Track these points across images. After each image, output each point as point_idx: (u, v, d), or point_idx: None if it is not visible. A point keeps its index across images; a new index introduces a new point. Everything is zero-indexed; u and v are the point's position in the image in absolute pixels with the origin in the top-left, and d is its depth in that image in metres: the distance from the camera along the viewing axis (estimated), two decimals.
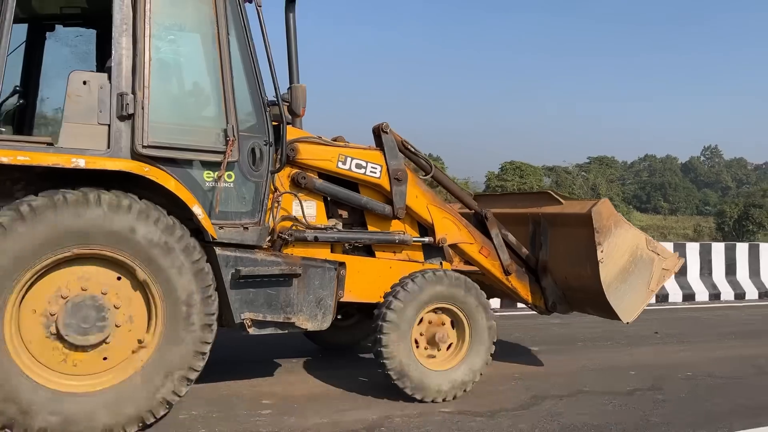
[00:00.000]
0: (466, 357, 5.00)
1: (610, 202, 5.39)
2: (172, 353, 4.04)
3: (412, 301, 4.80)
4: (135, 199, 3.95)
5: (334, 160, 5.18)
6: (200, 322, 4.11)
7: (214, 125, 4.39)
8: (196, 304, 4.09)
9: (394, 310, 4.76)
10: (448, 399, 4.90)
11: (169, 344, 4.04)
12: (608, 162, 65.46)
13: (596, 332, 7.88)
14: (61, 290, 3.84)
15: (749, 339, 7.95)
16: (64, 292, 3.85)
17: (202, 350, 4.14)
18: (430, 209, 5.49)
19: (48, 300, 3.83)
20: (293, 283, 4.67)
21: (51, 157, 3.80)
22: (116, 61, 4.13)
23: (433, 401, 4.85)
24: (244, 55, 4.53)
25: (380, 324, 4.77)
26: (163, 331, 4.03)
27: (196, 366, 4.12)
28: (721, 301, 11.60)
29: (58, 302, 3.84)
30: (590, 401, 5.06)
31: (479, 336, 5.03)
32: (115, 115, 4.08)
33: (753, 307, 11.04)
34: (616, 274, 5.34)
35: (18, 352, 3.73)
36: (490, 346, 5.09)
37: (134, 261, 3.93)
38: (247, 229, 4.53)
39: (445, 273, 4.98)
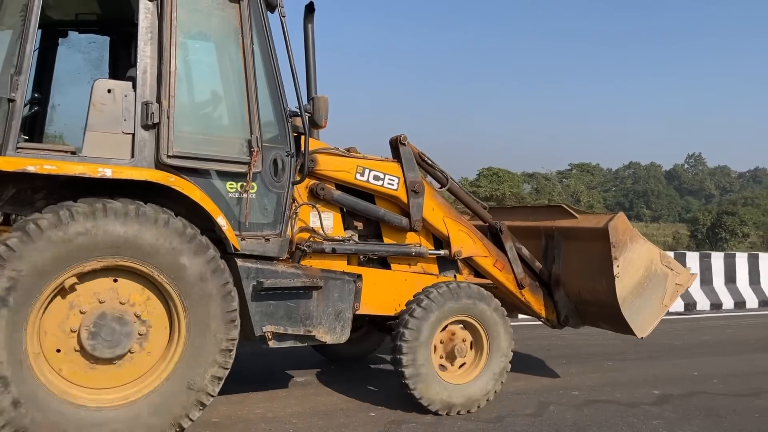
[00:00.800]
0: (485, 370, 4.98)
1: (625, 217, 5.42)
2: (190, 376, 3.97)
3: (433, 313, 4.78)
4: (171, 214, 3.90)
5: (352, 172, 5.15)
6: (221, 346, 4.05)
7: (238, 135, 4.35)
8: (219, 328, 4.03)
9: (413, 324, 4.73)
10: (463, 412, 4.87)
11: (187, 368, 3.97)
12: (589, 169, 65.97)
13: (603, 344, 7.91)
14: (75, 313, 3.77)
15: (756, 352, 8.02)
16: (85, 308, 3.78)
17: (220, 375, 4.08)
18: (446, 222, 5.48)
19: (66, 328, 3.76)
20: (313, 295, 4.63)
21: (78, 167, 3.74)
22: (141, 70, 4.08)
23: (448, 414, 4.82)
24: (266, 65, 4.50)
25: (400, 337, 4.73)
26: (182, 353, 3.97)
27: (212, 391, 4.06)
28: (698, 311, 11.57)
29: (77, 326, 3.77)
30: (602, 411, 5.06)
31: (497, 349, 5.02)
32: (139, 124, 4.02)
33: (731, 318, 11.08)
34: (632, 289, 5.36)
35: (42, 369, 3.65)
36: (508, 359, 5.07)
37: (164, 277, 3.88)
38: (269, 240, 4.48)
39: (466, 286, 4.97)
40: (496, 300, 5.06)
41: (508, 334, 5.08)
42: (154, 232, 3.82)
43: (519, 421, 4.80)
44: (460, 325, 5.01)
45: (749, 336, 9.13)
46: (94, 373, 3.82)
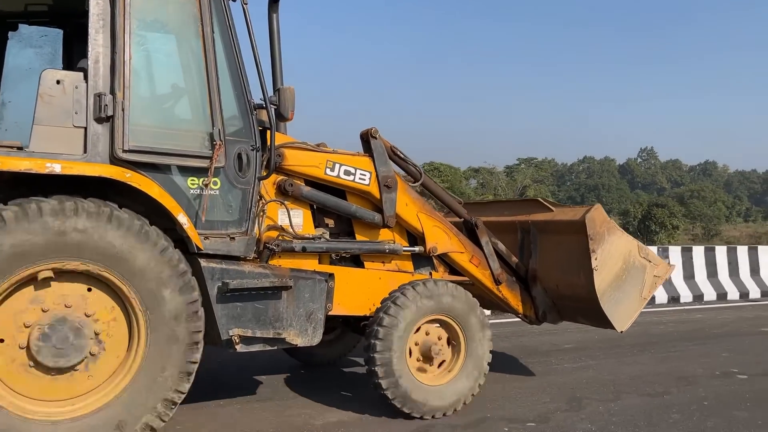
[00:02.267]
0: (462, 370, 4.82)
1: (602, 209, 5.31)
2: (156, 375, 3.74)
3: (409, 312, 4.60)
4: (116, 207, 3.65)
5: (322, 167, 4.95)
6: (186, 340, 3.82)
7: (200, 129, 4.12)
8: (181, 321, 3.80)
9: (387, 325, 4.54)
10: (447, 414, 4.70)
11: (153, 365, 3.73)
12: (537, 163, 66.69)
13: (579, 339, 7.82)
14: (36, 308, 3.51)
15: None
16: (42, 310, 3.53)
17: (189, 370, 3.85)
18: (420, 217, 5.31)
19: (19, 320, 3.49)
20: (282, 296, 4.41)
21: (23, 162, 3.48)
22: (93, 60, 3.83)
23: (431, 417, 4.64)
24: (228, 55, 4.28)
25: (373, 339, 4.54)
26: (145, 351, 3.73)
27: (181, 388, 3.83)
28: (656, 304, 11.16)
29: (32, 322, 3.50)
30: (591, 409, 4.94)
31: (475, 349, 4.85)
32: (92, 117, 3.78)
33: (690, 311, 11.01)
34: (610, 282, 5.25)
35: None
36: (486, 358, 4.92)
37: (114, 274, 3.63)
38: (234, 239, 4.26)
39: (443, 284, 4.80)
40: (473, 298, 4.90)
41: (486, 332, 4.92)
42: (108, 232, 3.57)
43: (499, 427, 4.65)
44: (435, 324, 4.84)
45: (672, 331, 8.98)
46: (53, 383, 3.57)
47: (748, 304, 11.85)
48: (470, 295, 4.88)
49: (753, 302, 12.04)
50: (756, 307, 11.37)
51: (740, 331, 8.85)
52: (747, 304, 11.85)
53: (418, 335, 4.74)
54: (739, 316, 10.28)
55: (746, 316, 10.30)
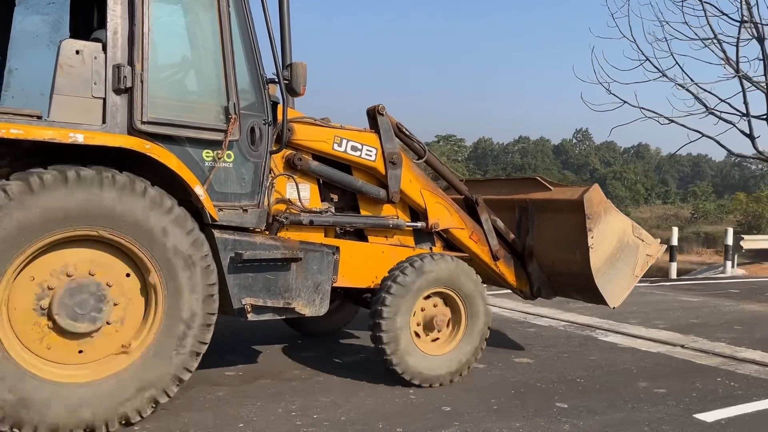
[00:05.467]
0: (463, 342, 4.99)
1: (600, 189, 5.47)
2: (167, 351, 3.86)
3: (414, 283, 4.75)
4: (148, 183, 3.75)
5: (329, 142, 5.04)
6: (200, 320, 3.95)
7: (215, 102, 4.19)
8: (197, 297, 3.92)
9: (395, 292, 4.69)
10: (444, 384, 4.88)
11: (166, 340, 3.86)
12: (456, 141, 66.74)
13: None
14: (67, 268, 3.62)
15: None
16: (70, 271, 3.63)
17: (199, 350, 3.99)
18: (423, 194, 5.43)
19: (50, 274, 3.60)
20: (292, 267, 4.53)
21: (47, 132, 3.53)
22: (111, 31, 3.86)
23: (429, 386, 4.82)
24: (242, 29, 4.33)
25: (380, 304, 4.69)
26: (160, 326, 3.85)
27: (189, 366, 3.96)
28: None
29: (60, 279, 3.61)
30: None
31: (475, 321, 5.03)
32: (111, 88, 3.83)
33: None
34: (605, 260, 5.44)
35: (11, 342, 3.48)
36: (485, 330, 5.10)
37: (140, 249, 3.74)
38: (246, 211, 4.36)
39: (448, 258, 4.95)
40: (474, 272, 5.06)
41: (486, 306, 5.09)
42: (130, 201, 3.66)
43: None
44: (438, 297, 4.99)
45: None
46: (67, 348, 3.67)
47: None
48: (474, 272, 5.04)
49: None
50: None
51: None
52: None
53: (423, 305, 4.89)
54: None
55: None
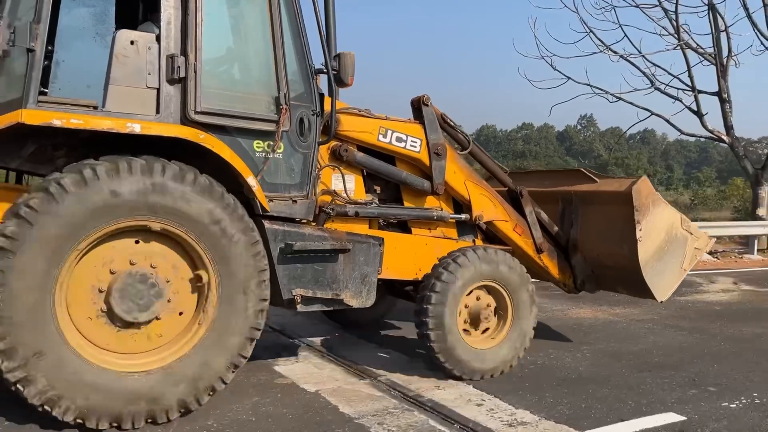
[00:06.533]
0: (509, 336, 4.94)
1: (648, 180, 5.37)
2: (223, 339, 3.86)
3: (461, 277, 4.70)
4: (197, 172, 3.74)
5: (374, 133, 5.01)
6: (253, 307, 3.94)
7: (266, 92, 4.17)
8: (250, 288, 3.91)
9: (445, 280, 4.65)
10: (485, 377, 4.83)
11: (221, 329, 3.85)
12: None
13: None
14: (119, 260, 3.63)
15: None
16: (119, 265, 3.64)
17: (253, 336, 3.98)
18: (467, 185, 5.38)
19: (99, 274, 3.61)
20: (339, 258, 4.51)
21: (105, 122, 3.55)
22: (165, 21, 3.86)
23: (469, 378, 4.78)
24: (291, 19, 4.30)
25: (429, 291, 4.66)
26: (215, 315, 3.85)
27: (245, 352, 3.96)
28: None
29: (114, 272, 3.63)
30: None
31: (522, 315, 4.97)
32: (165, 79, 3.83)
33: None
34: (653, 253, 5.35)
35: (69, 329, 3.50)
36: (532, 323, 5.04)
37: (192, 237, 3.73)
38: (296, 202, 4.35)
39: (494, 251, 4.89)
40: (522, 266, 5.00)
41: (533, 300, 5.04)
42: (181, 190, 3.66)
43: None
44: (484, 290, 4.94)
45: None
46: (124, 338, 3.69)
47: None
48: (524, 268, 4.98)
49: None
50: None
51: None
52: None
53: (469, 298, 4.85)
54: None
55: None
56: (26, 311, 3.32)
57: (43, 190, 3.37)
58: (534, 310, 5.05)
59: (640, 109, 14.39)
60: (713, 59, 13.81)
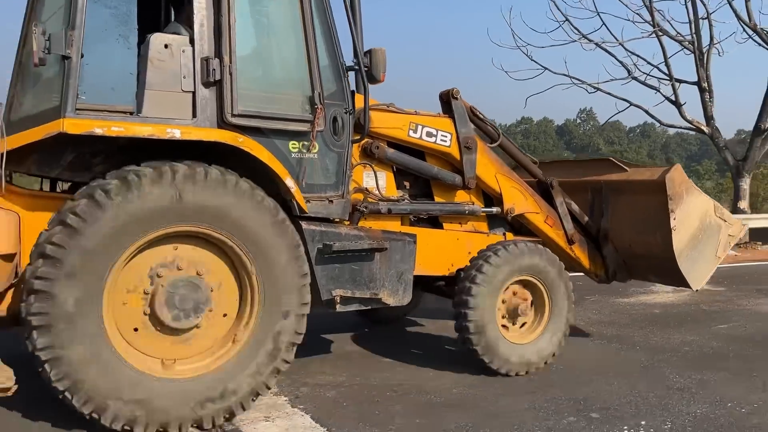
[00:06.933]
0: (546, 330, 4.91)
1: (681, 168, 5.31)
2: (266, 343, 3.83)
3: (501, 271, 4.67)
4: (237, 175, 3.70)
5: (405, 129, 4.96)
6: (296, 311, 3.91)
7: (300, 92, 4.12)
8: (293, 292, 3.88)
9: (481, 281, 4.62)
10: (528, 372, 4.81)
11: (264, 334, 3.83)
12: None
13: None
14: (163, 266, 3.62)
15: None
16: (161, 272, 3.61)
17: (295, 341, 3.95)
18: (498, 178, 5.33)
19: (146, 273, 3.60)
20: (376, 257, 4.48)
21: (146, 128, 3.51)
22: (198, 23, 3.81)
23: (513, 374, 4.75)
24: (321, 17, 4.24)
25: (466, 294, 4.63)
26: (257, 320, 3.82)
27: (288, 357, 3.93)
28: None
29: (157, 278, 3.61)
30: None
31: (560, 306, 4.94)
32: (200, 82, 3.78)
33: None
34: (687, 242, 5.30)
35: (115, 336, 3.49)
36: (569, 316, 5.01)
37: (235, 241, 3.70)
38: (332, 202, 4.31)
39: (533, 245, 4.85)
40: (559, 260, 4.96)
41: (570, 292, 5.00)
42: (222, 195, 3.62)
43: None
44: (519, 284, 4.91)
45: None
46: (168, 344, 3.68)
47: None
48: (558, 259, 4.94)
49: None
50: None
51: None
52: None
53: (506, 294, 4.82)
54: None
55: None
56: (74, 319, 3.30)
57: (88, 197, 3.34)
58: (571, 300, 5.01)
59: (619, 99, 14.03)
60: (692, 47, 13.35)
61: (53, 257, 3.22)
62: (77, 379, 3.33)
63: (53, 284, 3.23)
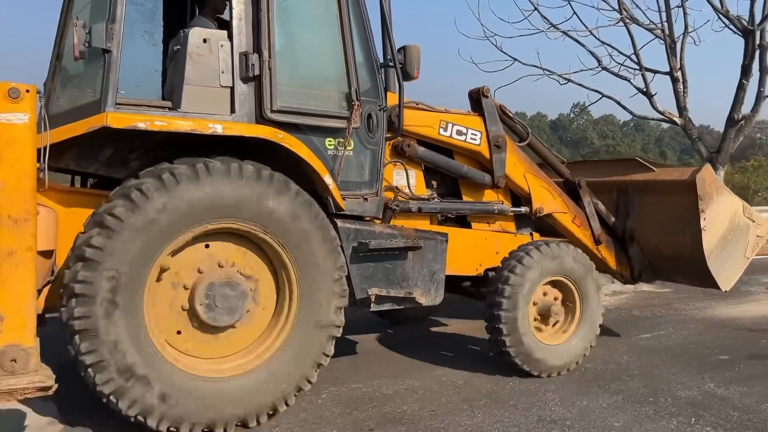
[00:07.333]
0: (577, 331, 4.86)
1: (711, 169, 5.28)
2: (307, 337, 3.78)
3: (533, 273, 4.61)
4: (271, 171, 3.65)
5: (435, 127, 4.92)
6: (335, 305, 3.86)
7: (337, 89, 4.08)
8: (331, 287, 3.83)
9: (514, 283, 4.56)
10: (562, 373, 4.76)
11: (304, 328, 3.77)
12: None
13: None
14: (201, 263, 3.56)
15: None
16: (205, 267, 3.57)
17: (334, 334, 3.89)
18: (527, 177, 5.29)
19: (186, 271, 3.54)
20: (409, 256, 4.43)
21: (188, 123, 3.46)
22: (236, 18, 3.77)
23: (546, 375, 4.70)
24: (356, 13, 4.20)
25: (499, 297, 4.56)
26: (297, 315, 3.77)
27: (327, 350, 3.87)
28: None
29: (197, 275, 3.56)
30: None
31: (590, 307, 4.89)
32: (238, 77, 3.73)
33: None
34: (717, 242, 5.26)
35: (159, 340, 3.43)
36: (599, 317, 4.96)
37: (272, 236, 3.64)
38: (367, 199, 4.26)
39: (564, 246, 4.80)
40: (589, 260, 4.92)
41: (599, 292, 4.95)
42: (259, 191, 3.57)
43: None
44: (549, 284, 4.85)
45: None
46: (208, 342, 3.63)
47: None
48: (588, 258, 4.90)
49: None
50: None
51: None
52: None
53: (537, 295, 4.77)
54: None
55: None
56: (116, 321, 3.24)
57: (124, 198, 3.28)
58: (600, 299, 4.96)
59: (590, 90, 13.57)
60: (663, 35, 12.83)
61: (92, 260, 3.16)
62: (122, 383, 3.27)
63: (93, 287, 3.17)
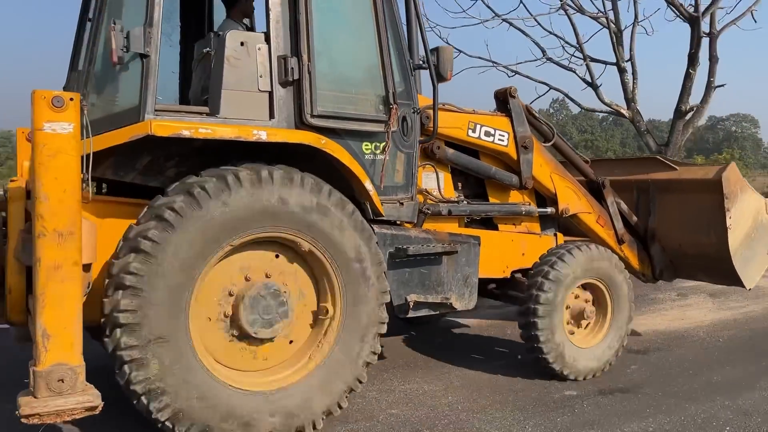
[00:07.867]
0: (609, 332, 4.85)
1: (736, 167, 5.28)
2: (355, 340, 3.71)
3: (568, 276, 4.58)
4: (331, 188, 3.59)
5: (464, 128, 4.85)
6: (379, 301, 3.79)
7: (374, 92, 4.00)
8: (372, 312, 3.76)
9: (548, 289, 4.52)
10: (597, 375, 4.74)
11: (351, 331, 3.70)
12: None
13: None
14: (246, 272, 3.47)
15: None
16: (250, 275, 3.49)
17: (371, 360, 3.81)
18: (553, 178, 5.25)
19: (219, 299, 3.44)
20: (443, 261, 4.37)
21: (232, 130, 3.36)
22: (274, 21, 3.67)
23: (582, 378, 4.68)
24: (390, 15, 4.11)
25: (534, 303, 4.52)
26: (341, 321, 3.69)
27: (375, 349, 3.80)
28: None
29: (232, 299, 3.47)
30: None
31: (621, 309, 4.88)
32: (277, 81, 3.64)
33: None
34: (742, 241, 5.26)
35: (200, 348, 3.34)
36: (630, 318, 4.95)
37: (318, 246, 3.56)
38: (402, 204, 4.20)
39: (595, 248, 4.77)
40: (620, 261, 4.90)
41: (630, 293, 4.94)
42: (315, 201, 3.50)
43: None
44: (580, 287, 4.83)
45: None
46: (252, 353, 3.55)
47: None
48: (619, 260, 4.87)
49: None
50: None
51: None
52: None
53: (570, 298, 4.74)
54: None
55: None
56: (162, 319, 3.14)
57: (186, 194, 3.18)
58: (631, 300, 4.94)
59: (537, 83, 13.34)
60: (607, 24, 12.56)
61: (147, 252, 3.06)
62: (159, 385, 3.15)
63: (145, 280, 3.06)
